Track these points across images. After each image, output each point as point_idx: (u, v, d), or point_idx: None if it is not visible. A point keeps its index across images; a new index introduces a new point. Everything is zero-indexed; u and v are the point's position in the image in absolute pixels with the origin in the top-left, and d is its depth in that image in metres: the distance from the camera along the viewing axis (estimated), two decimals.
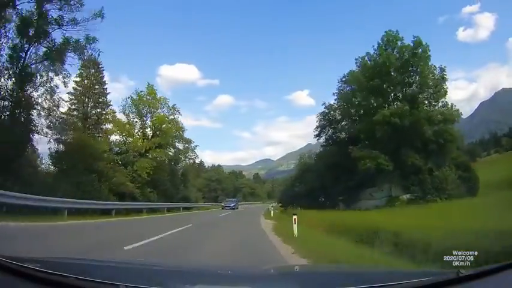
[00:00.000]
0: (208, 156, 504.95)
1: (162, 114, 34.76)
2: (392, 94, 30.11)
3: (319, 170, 38.12)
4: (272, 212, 25.58)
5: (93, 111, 35.36)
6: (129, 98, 35.11)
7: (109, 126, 33.52)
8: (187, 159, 40.45)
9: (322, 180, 36.80)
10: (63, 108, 33.26)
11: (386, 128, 26.63)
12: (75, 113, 35.75)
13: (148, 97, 34.69)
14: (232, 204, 45.08)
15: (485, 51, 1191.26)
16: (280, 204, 45.63)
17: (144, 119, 34.63)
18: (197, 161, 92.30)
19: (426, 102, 29.66)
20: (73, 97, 36.08)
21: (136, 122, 34.93)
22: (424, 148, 28.69)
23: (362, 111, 31.79)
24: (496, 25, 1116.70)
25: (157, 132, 34.33)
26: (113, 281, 1.48)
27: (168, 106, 35.78)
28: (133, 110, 34.43)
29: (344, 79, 36.54)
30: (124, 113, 34.74)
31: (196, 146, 39.27)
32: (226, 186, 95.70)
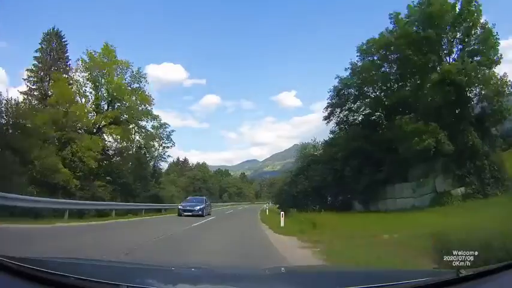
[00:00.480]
0: (194, 156, 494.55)
1: (120, 79, 25.19)
2: (447, 50, 22.17)
3: (331, 162, 30.10)
4: (282, 221, 14.93)
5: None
6: (78, 59, 25.79)
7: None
8: (161, 147, 31.21)
9: (335, 175, 28.92)
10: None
11: (447, 90, 18.43)
12: (35, 93, 31.21)
13: (104, 59, 25.31)
14: (197, 208, 22.43)
15: None
16: (277, 206, 37.41)
17: (98, 85, 24.95)
18: (179, 155, 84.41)
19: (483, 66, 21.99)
20: (32, 75, 31.67)
21: (91, 92, 25.65)
22: (478, 124, 21.19)
23: (403, 71, 23.97)
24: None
25: (114, 103, 25.08)
26: (113, 281, 1.44)
27: (132, 72, 26.40)
28: (85, 75, 25.09)
29: (365, 47, 28.22)
30: (73, 80, 25.51)
31: (172, 131, 30.57)
32: (212, 186, 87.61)
